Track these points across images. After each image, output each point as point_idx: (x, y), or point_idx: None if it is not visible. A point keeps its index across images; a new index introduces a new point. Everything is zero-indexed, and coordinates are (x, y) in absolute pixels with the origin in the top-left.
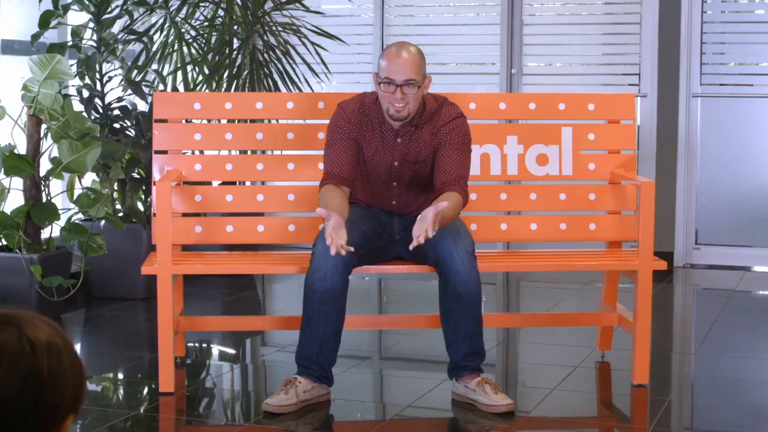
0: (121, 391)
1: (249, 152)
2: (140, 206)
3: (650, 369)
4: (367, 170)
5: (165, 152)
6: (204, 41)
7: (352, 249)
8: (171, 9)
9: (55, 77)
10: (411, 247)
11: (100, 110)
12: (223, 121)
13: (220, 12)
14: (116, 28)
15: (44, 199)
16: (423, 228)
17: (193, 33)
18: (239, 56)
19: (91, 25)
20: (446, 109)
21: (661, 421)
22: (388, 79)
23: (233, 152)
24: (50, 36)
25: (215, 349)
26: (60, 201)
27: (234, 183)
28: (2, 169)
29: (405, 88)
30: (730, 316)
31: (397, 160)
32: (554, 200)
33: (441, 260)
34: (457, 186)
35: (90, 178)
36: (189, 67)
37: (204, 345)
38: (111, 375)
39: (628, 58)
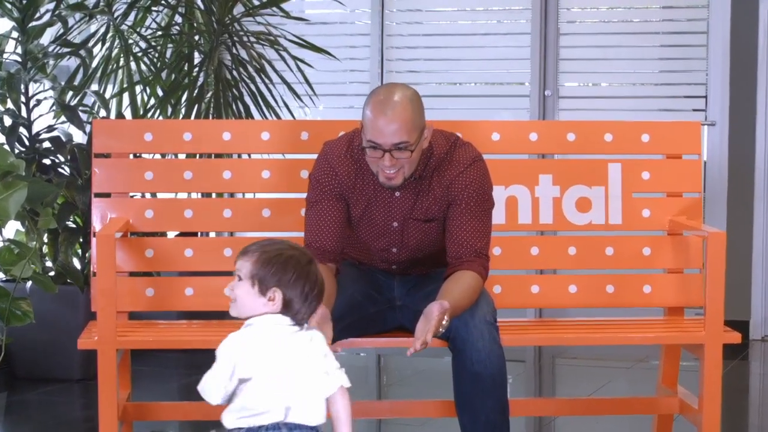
0: None
1: (214, 195)
2: (76, 263)
3: None
4: (358, 232)
5: (108, 195)
6: (157, 55)
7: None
8: (115, 15)
9: None
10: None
11: (26, 142)
12: (181, 156)
13: (178, 18)
14: (46, 38)
15: None
16: (425, 330)
17: (143, 45)
18: (201, 74)
19: (15, 34)
20: (459, 153)
21: None
22: (372, 143)
23: (194, 195)
24: None
25: None
26: None
27: (195, 234)
28: None
29: (395, 152)
30: None
31: (397, 219)
32: (599, 256)
33: (454, 333)
34: (475, 263)
35: (13, 228)
36: (138, 88)
37: None
38: None
39: (691, 76)
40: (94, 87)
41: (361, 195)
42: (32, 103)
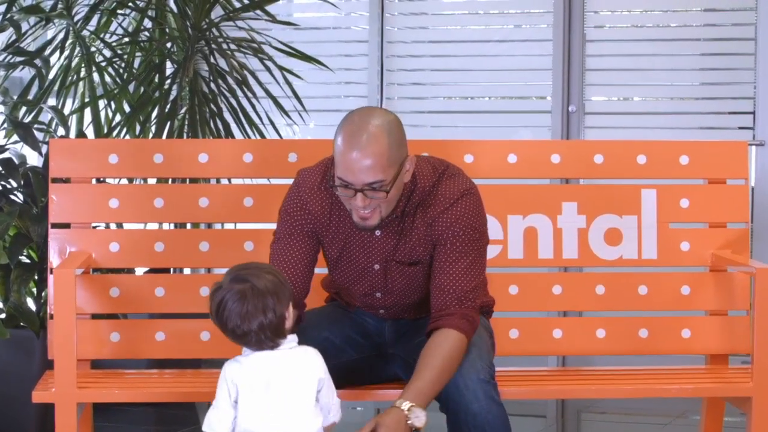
0: None
1: (189, 226)
2: (31, 304)
3: None
4: (336, 275)
5: (67, 226)
6: (124, 65)
7: None
8: (75, 18)
9: None
10: None
11: None
12: (152, 181)
13: (147, 23)
14: None
15: None
16: None
17: (107, 53)
18: (174, 86)
19: None
20: (446, 186)
21: None
22: (342, 181)
23: (166, 226)
24: None
25: None
26: None
27: (167, 270)
28: None
29: (369, 192)
30: None
31: (378, 262)
32: (630, 296)
33: (445, 395)
34: (455, 316)
35: None
36: (102, 102)
37: None
38: None
39: (737, 89)
40: (51, 101)
41: (337, 234)
42: None
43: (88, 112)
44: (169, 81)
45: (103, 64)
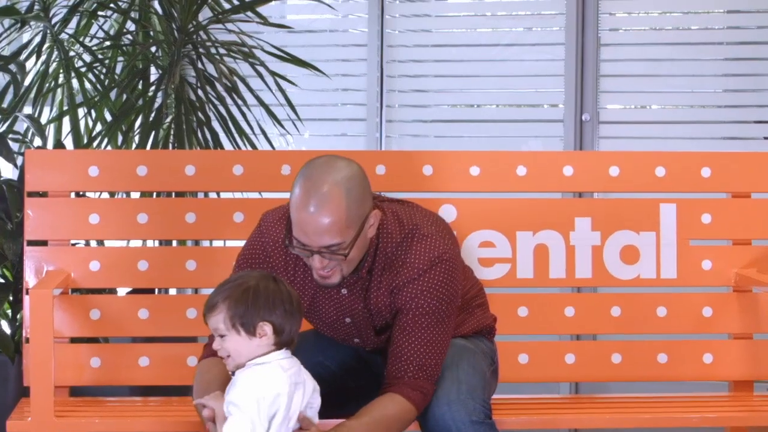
0: None
1: (174, 243)
2: (5, 327)
3: None
4: (311, 323)
5: (44, 243)
6: (105, 70)
7: None
8: (53, 21)
9: None
10: None
11: None
12: (135, 195)
13: (130, 25)
14: None
15: None
16: None
17: (87, 58)
18: (159, 93)
19: None
20: (415, 252)
21: None
22: (299, 242)
23: (150, 243)
24: None
25: None
26: None
27: (151, 291)
28: None
29: (326, 254)
30: None
31: (349, 316)
32: (649, 318)
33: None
34: (409, 386)
35: None
36: (81, 111)
37: None
38: None
39: (763, 96)
40: (27, 110)
41: (303, 289)
42: None
43: (66, 121)
44: (153, 88)
45: (83, 69)
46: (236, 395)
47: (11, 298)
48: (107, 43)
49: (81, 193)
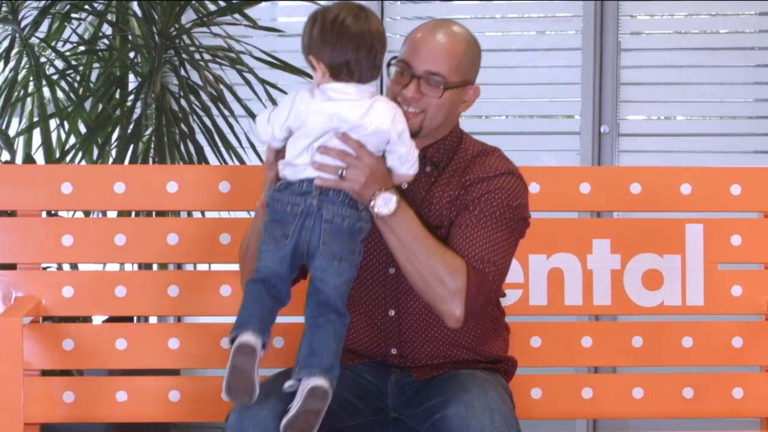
0: None
1: (155, 267)
2: None
3: None
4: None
5: (13, 267)
6: (79, 78)
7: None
8: (23, 24)
9: None
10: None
11: None
12: (112, 214)
13: (107, 29)
14: None
15: None
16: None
17: (60, 64)
18: (139, 103)
19: None
20: (492, 160)
21: None
22: (404, 62)
23: (128, 267)
24: None
25: None
26: None
27: (130, 319)
28: None
29: (424, 84)
30: None
31: (394, 265)
32: (673, 349)
33: None
34: (470, 266)
35: None
36: (53, 122)
37: None
38: None
39: None
40: None
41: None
42: None
43: (37, 134)
44: (132, 97)
45: (55, 77)
46: None
47: None
48: (81, 48)
49: (53, 212)
